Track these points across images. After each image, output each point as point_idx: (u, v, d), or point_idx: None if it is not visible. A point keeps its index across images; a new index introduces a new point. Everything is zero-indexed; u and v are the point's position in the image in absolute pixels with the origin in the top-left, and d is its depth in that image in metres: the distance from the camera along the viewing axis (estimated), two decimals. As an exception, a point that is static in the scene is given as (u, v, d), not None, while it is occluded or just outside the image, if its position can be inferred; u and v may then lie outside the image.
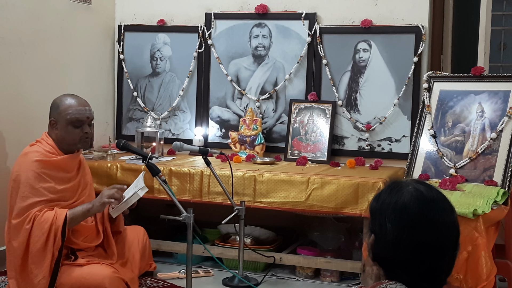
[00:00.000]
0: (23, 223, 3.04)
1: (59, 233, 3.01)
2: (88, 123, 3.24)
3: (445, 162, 3.77)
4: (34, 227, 3.02)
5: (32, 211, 3.04)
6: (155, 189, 3.86)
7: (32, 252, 3.02)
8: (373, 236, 1.60)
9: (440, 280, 1.57)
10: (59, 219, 3.02)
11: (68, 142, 3.21)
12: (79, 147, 3.24)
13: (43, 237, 3.01)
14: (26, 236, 3.03)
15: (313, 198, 3.62)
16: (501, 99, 3.74)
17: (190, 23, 4.65)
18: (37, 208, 3.05)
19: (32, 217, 3.03)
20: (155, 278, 3.68)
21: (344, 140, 4.33)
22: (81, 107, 3.23)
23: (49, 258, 3.01)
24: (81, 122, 3.20)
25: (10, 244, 3.12)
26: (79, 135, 3.20)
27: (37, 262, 3.01)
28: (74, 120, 3.19)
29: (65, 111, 3.19)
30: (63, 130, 3.20)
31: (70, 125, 3.19)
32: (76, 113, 3.20)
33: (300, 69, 4.40)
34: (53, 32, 4.21)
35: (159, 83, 4.76)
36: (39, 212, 3.04)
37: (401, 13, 4.18)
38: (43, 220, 3.02)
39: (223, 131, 4.61)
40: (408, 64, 4.15)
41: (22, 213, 3.05)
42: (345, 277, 3.80)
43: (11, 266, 3.11)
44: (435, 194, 1.59)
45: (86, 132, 3.22)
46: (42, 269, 3.01)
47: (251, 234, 4.03)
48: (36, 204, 3.06)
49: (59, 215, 3.03)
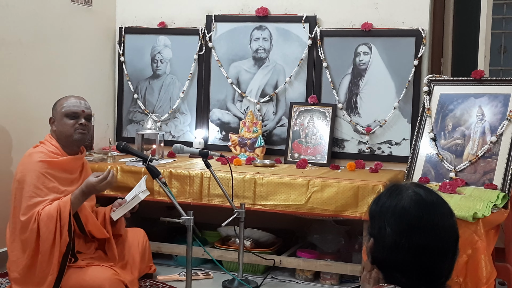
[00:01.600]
0: (29, 222, 3.06)
1: (65, 230, 3.04)
2: (84, 117, 3.27)
3: (445, 166, 3.77)
4: (40, 226, 3.04)
5: (36, 209, 3.06)
6: (155, 191, 3.86)
7: (42, 251, 3.05)
8: (372, 239, 1.60)
9: (439, 284, 1.56)
10: (64, 216, 3.04)
11: (65, 135, 3.26)
12: (75, 138, 3.26)
13: (51, 236, 3.04)
14: (34, 236, 3.06)
15: (313, 201, 3.62)
16: (501, 103, 3.74)
17: (191, 25, 4.65)
18: (41, 207, 3.07)
19: (36, 216, 3.05)
20: (155, 281, 3.68)
21: (344, 143, 4.34)
22: (76, 100, 3.30)
23: (57, 255, 3.04)
24: (75, 114, 3.26)
25: (13, 244, 3.13)
26: (73, 126, 3.25)
27: (46, 261, 3.05)
28: (69, 112, 3.26)
29: (61, 105, 3.30)
30: (59, 124, 3.28)
31: (66, 117, 3.26)
32: (70, 105, 3.28)
33: (301, 72, 4.41)
34: (54, 33, 4.22)
35: (159, 85, 4.76)
36: (41, 211, 3.06)
37: (401, 16, 4.18)
38: (47, 219, 3.04)
39: (223, 134, 4.61)
40: (408, 67, 4.15)
41: (27, 212, 3.08)
42: (345, 280, 3.80)
43: (13, 267, 3.11)
44: (434, 198, 1.59)
45: (81, 123, 3.25)
46: (51, 268, 3.05)
47: (251, 236, 4.02)
48: (41, 203, 3.09)
49: (63, 211, 3.05)
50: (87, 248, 3.30)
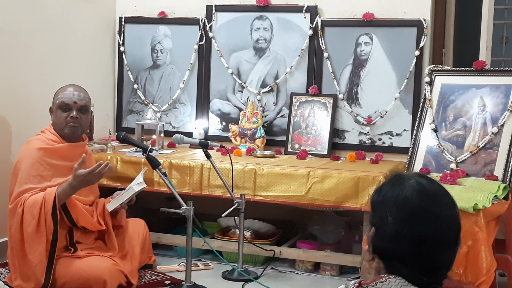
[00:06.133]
0: (16, 208, 3.07)
1: (49, 216, 3.02)
2: (78, 108, 3.25)
3: (446, 156, 3.76)
4: (24, 210, 3.04)
5: (25, 195, 3.05)
6: (155, 182, 3.85)
7: (26, 236, 3.03)
8: (374, 228, 1.60)
9: (440, 274, 1.56)
10: (48, 203, 3.02)
11: (59, 127, 3.28)
12: (66, 132, 3.26)
13: (33, 221, 3.02)
14: (19, 220, 3.05)
15: (313, 192, 3.61)
16: (502, 93, 3.73)
17: (191, 15, 4.63)
18: (29, 194, 3.06)
19: (22, 201, 3.05)
20: (155, 271, 3.68)
21: (345, 134, 4.32)
22: (71, 92, 3.28)
23: (43, 242, 3.01)
24: (67, 106, 3.25)
25: (10, 230, 3.14)
26: (65, 119, 3.24)
27: (31, 246, 3.02)
28: (61, 104, 3.26)
29: (57, 96, 3.31)
30: (55, 115, 3.30)
31: (59, 109, 3.27)
32: (63, 97, 3.27)
33: (301, 62, 4.39)
34: (53, 23, 4.19)
35: (159, 75, 4.74)
36: (28, 198, 3.05)
37: (403, 7, 4.16)
38: (32, 204, 3.03)
39: (223, 124, 4.60)
40: (409, 58, 4.13)
41: (16, 198, 3.08)
42: (345, 271, 3.79)
43: (13, 253, 3.11)
44: (437, 188, 1.58)
45: (72, 116, 3.23)
46: (37, 254, 3.02)
47: (251, 227, 4.02)
48: (30, 190, 3.08)
49: (47, 198, 3.03)
50: (87, 238, 3.30)
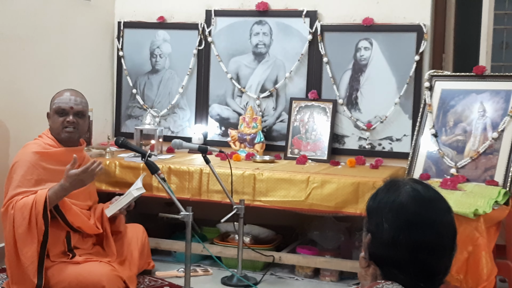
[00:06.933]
0: (7, 210, 3.06)
1: (40, 217, 3.01)
2: (74, 113, 3.25)
3: (446, 162, 3.75)
4: (15, 212, 3.03)
5: (17, 197, 3.06)
6: (154, 187, 3.84)
7: (17, 237, 3.03)
8: (370, 235, 1.59)
9: (437, 280, 1.55)
10: (39, 204, 3.01)
11: (55, 132, 3.28)
12: (63, 137, 3.26)
13: (24, 222, 3.01)
14: (11, 222, 3.05)
15: (313, 197, 3.60)
16: (502, 99, 3.72)
17: (190, 20, 4.62)
18: (21, 196, 3.05)
19: (14, 203, 3.05)
20: (154, 277, 3.66)
21: (345, 139, 4.31)
22: (68, 97, 3.28)
23: (35, 243, 3.00)
24: (63, 111, 3.25)
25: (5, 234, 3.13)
26: (62, 124, 3.23)
27: (23, 247, 3.01)
28: (58, 109, 3.26)
29: (53, 100, 3.30)
30: (52, 120, 3.30)
31: (56, 114, 3.27)
32: (60, 102, 3.27)
33: (301, 67, 4.38)
34: (52, 28, 4.19)
35: (158, 80, 4.73)
36: (19, 200, 3.04)
37: (402, 12, 4.16)
38: (22, 205, 3.03)
39: (222, 129, 4.59)
40: (409, 63, 4.13)
41: (8, 201, 3.09)
42: (345, 277, 3.78)
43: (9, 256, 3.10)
44: (432, 194, 1.58)
45: (69, 121, 3.23)
46: (29, 255, 3.01)
47: (250, 233, 4.01)
48: (23, 193, 3.08)
49: (38, 200, 3.02)
50: (84, 243, 3.28)
